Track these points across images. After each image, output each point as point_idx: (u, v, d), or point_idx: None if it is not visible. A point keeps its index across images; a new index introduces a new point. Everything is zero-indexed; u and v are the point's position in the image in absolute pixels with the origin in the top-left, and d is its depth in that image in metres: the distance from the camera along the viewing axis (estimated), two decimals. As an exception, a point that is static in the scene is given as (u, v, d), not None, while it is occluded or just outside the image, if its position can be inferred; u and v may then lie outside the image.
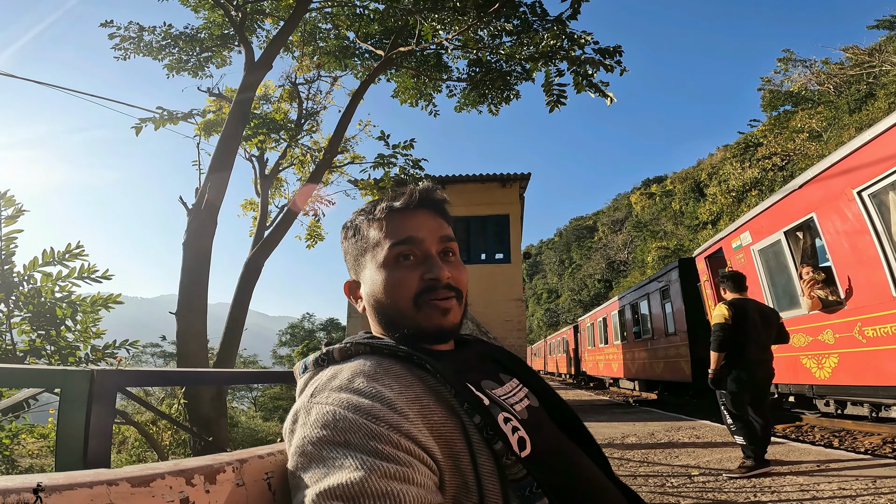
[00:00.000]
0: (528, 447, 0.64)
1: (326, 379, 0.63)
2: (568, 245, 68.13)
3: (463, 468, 0.59)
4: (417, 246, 0.73)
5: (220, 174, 3.72)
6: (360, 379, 0.60)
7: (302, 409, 0.60)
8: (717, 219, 30.67)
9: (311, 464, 0.53)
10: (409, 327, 0.72)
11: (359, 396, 0.57)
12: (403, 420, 0.56)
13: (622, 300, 14.15)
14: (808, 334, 5.34)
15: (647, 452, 4.83)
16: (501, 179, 11.67)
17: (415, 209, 0.76)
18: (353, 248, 0.79)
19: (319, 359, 0.70)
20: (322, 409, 0.57)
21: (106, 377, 1.09)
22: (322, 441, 0.54)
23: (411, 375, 0.64)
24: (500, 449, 0.59)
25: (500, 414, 0.64)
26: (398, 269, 0.73)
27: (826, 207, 4.89)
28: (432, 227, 0.76)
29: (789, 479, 3.43)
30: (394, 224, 0.74)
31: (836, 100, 24.31)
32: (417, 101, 6.75)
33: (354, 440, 0.53)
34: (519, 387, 0.78)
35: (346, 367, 0.64)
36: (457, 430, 0.60)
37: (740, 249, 6.70)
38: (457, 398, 0.62)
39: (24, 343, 2.82)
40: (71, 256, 2.93)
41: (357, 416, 0.55)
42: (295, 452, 0.56)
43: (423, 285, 0.72)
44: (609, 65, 4.06)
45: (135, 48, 5.16)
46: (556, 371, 29.38)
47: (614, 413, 8.59)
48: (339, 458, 0.52)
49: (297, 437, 0.57)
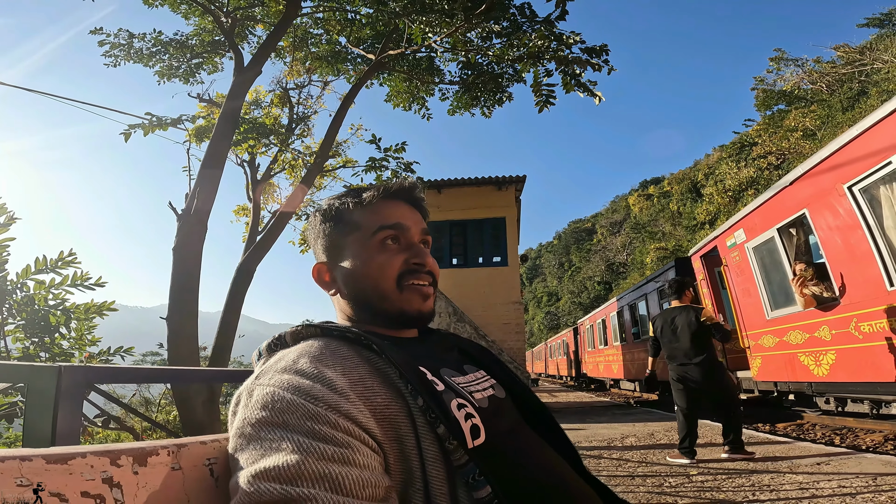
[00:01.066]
0: (482, 435, 0.63)
1: (273, 361, 0.63)
2: (567, 248, 68.22)
3: (408, 452, 0.58)
4: (404, 232, 0.76)
5: (209, 179, 3.71)
6: (304, 360, 0.60)
7: (245, 392, 0.59)
8: (715, 219, 30.84)
9: (249, 445, 0.53)
10: (388, 310, 0.74)
11: (300, 377, 0.57)
12: (343, 400, 0.55)
13: (620, 301, 14.13)
14: (804, 331, 5.31)
15: (646, 452, 4.79)
16: (497, 182, 11.66)
17: (400, 200, 0.80)
18: (331, 230, 0.79)
19: (272, 343, 0.71)
20: (263, 390, 0.57)
21: (73, 373, 1.09)
22: (261, 422, 0.54)
23: (358, 357, 0.64)
24: (442, 433, 0.58)
25: (453, 400, 0.64)
26: (384, 251, 0.75)
27: (818, 203, 4.88)
28: (416, 219, 0.80)
29: (788, 478, 3.40)
30: (382, 210, 0.77)
31: (829, 98, 24.52)
32: (410, 105, 6.75)
33: (292, 421, 0.53)
34: (484, 377, 0.78)
35: (294, 349, 0.65)
36: (402, 413, 0.60)
37: (735, 247, 6.69)
38: (402, 380, 0.61)
39: (18, 350, 2.82)
40: (64, 264, 2.93)
41: (295, 396, 0.55)
42: (235, 434, 0.56)
43: (407, 267, 0.74)
44: (596, 64, 4.07)
45: (125, 55, 5.16)
46: (556, 373, 29.29)
47: (615, 414, 8.55)
48: (276, 440, 0.52)
49: (237, 418, 0.57)
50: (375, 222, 0.76)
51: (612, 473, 4.04)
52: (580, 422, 7.77)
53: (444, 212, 11.78)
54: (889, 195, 4.06)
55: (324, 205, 0.83)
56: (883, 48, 23.01)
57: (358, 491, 0.50)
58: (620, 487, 3.54)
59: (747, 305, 6.56)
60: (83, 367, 1.14)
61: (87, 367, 1.15)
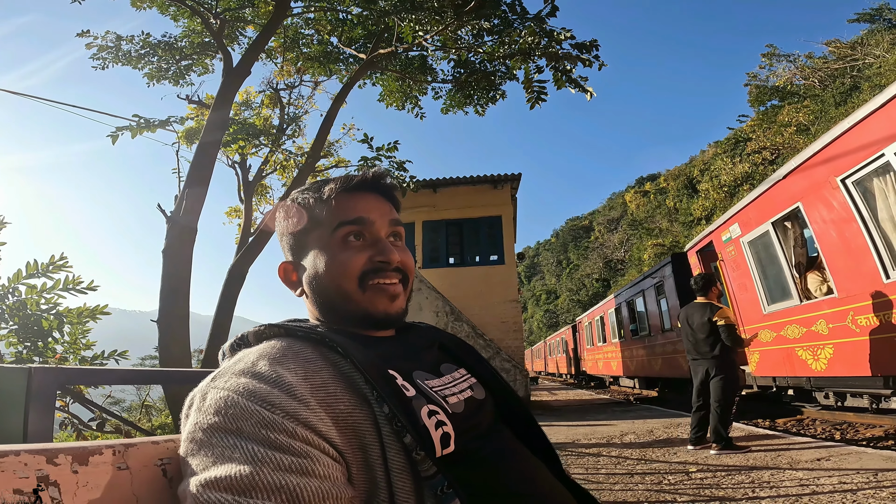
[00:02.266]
0: (453, 444, 0.60)
1: (232, 363, 0.60)
2: (565, 246, 68.35)
3: (372, 462, 0.55)
4: (367, 227, 0.71)
5: (198, 181, 3.67)
6: (263, 362, 0.57)
7: (198, 394, 0.56)
8: (711, 214, 31.00)
9: (201, 451, 0.50)
10: (352, 310, 0.70)
11: (257, 381, 0.54)
12: (302, 407, 0.52)
13: (618, 298, 14.12)
14: (801, 325, 5.29)
15: (646, 450, 4.76)
16: (492, 181, 11.64)
17: (365, 191, 0.75)
18: (294, 228, 0.75)
19: (235, 343, 0.68)
20: (217, 394, 0.53)
21: (44, 374, 1.06)
22: (213, 428, 0.51)
23: (322, 360, 0.61)
24: (409, 443, 0.55)
25: (424, 406, 0.61)
26: (346, 249, 0.70)
27: (812, 196, 4.86)
28: (383, 210, 0.74)
29: (788, 474, 3.37)
30: (343, 204, 0.72)
31: (822, 93, 24.67)
32: (403, 104, 6.74)
33: (246, 428, 0.50)
34: (464, 377, 0.74)
35: (254, 349, 0.61)
36: (367, 420, 0.56)
37: (730, 242, 6.67)
38: (368, 385, 0.58)
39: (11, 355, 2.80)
40: (55, 268, 2.90)
41: (250, 402, 0.51)
42: (186, 438, 0.53)
43: (371, 266, 0.70)
44: (586, 59, 4.05)
45: (113, 57, 5.11)
46: (556, 371, 29.30)
47: (614, 412, 8.53)
48: (228, 448, 0.49)
49: (189, 422, 0.54)
50: (336, 218, 0.71)
51: (610, 471, 4.01)
52: (580, 419, 7.74)
53: (439, 211, 11.75)
54: (882, 187, 4.04)
55: (288, 200, 0.79)
56: (874, 43, 23.13)
57: (318, 503, 0.47)
58: (619, 486, 3.51)
59: (744, 300, 6.54)
60: (54, 369, 1.10)
61: (58, 369, 1.11)
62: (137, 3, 5.00)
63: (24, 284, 2.83)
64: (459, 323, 9.48)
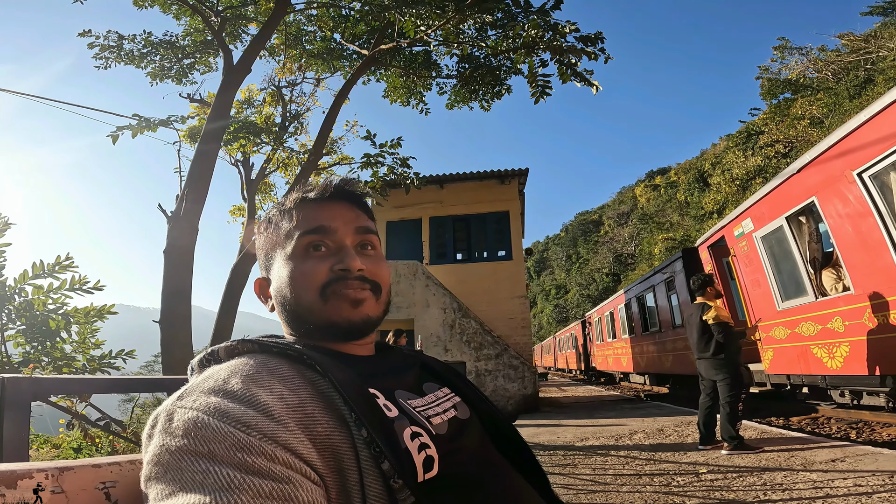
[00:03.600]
0: (436, 467, 0.57)
1: (201, 379, 0.55)
2: (574, 240, 67.98)
3: (350, 487, 0.51)
4: (329, 236, 0.69)
5: (199, 181, 3.65)
6: (235, 379, 0.53)
7: (163, 413, 0.51)
8: (723, 208, 30.72)
9: (167, 475, 0.46)
10: (316, 322, 0.66)
11: (229, 400, 0.50)
12: (281, 429, 0.49)
13: (628, 293, 13.98)
14: (816, 322, 5.16)
15: (655, 449, 4.69)
16: (499, 176, 11.56)
17: (330, 200, 0.72)
18: (265, 242, 0.72)
19: (204, 359, 0.64)
20: (185, 414, 0.49)
21: (17, 385, 1.06)
22: (182, 451, 0.46)
23: (300, 378, 0.57)
24: (387, 469, 0.51)
25: (407, 428, 0.57)
26: (307, 259, 0.68)
27: (827, 191, 4.74)
28: (348, 218, 0.71)
29: (802, 476, 3.28)
30: (305, 214, 0.70)
31: (836, 86, 24.34)
32: (408, 100, 6.68)
33: (220, 452, 0.45)
34: (447, 396, 0.72)
35: (225, 366, 0.57)
36: (346, 443, 0.53)
37: (743, 237, 6.53)
38: (346, 406, 0.54)
39: (19, 355, 2.81)
40: (61, 268, 2.91)
41: (223, 423, 0.47)
42: (150, 461, 0.48)
43: (332, 276, 0.67)
44: (592, 52, 3.95)
45: (115, 57, 5.11)
46: (566, 367, 29.19)
47: (623, 409, 8.44)
48: (199, 472, 0.44)
49: (153, 443, 0.49)
50: (296, 227, 0.69)
51: (618, 472, 3.94)
52: (588, 417, 7.67)
53: (446, 207, 11.71)
54: (901, 181, 3.91)
55: (267, 212, 0.76)
56: (888, 35, 22.73)
57: None
58: (627, 487, 3.45)
59: (757, 296, 6.41)
60: (28, 379, 1.10)
61: (31, 379, 1.11)
62: (139, 2, 4.99)
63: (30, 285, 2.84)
64: (467, 319, 9.43)
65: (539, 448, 5.33)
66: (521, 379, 9.07)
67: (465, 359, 9.16)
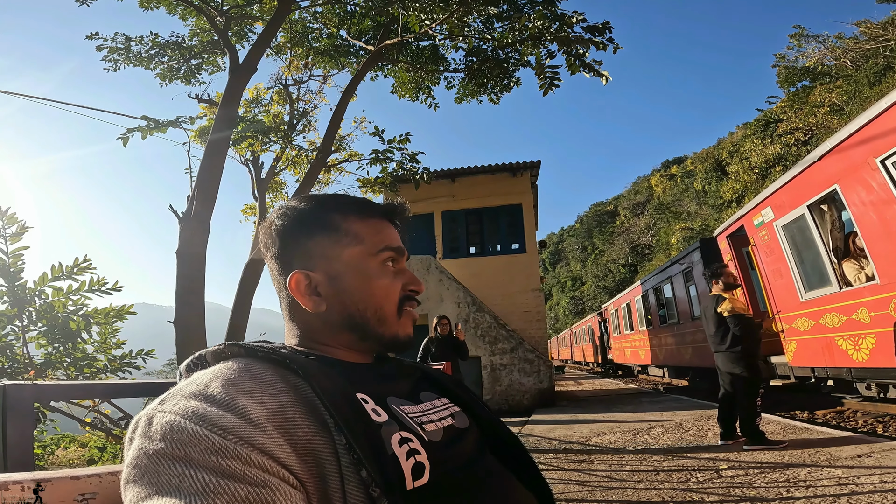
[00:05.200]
0: (426, 475, 0.56)
1: (185, 384, 0.55)
2: (589, 231, 67.40)
3: (331, 494, 0.50)
4: (401, 257, 0.74)
5: (209, 181, 3.66)
6: (216, 384, 0.53)
7: (144, 417, 0.52)
8: (742, 196, 30.26)
9: (144, 478, 0.46)
10: (383, 333, 0.70)
11: (207, 404, 0.50)
12: (258, 432, 0.48)
13: (645, 284, 13.79)
14: (841, 314, 5.00)
15: (674, 444, 4.61)
16: (511, 169, 11.46)
17: (390, 220, 0.76)
18: (320, 236, 0.70)
19: (192, 363, 0.64)
20: (163, 418, 0.49)
21: (19, 391, 1.08)
22: (159, 454, 0.46)
23: (283, 383, 0.56)
24: (366, 477, 0.50)
25: (395, 434, 0.57)
26: (385, 274, 0.71)
27: (849, 178, 4.60)
28: (404, 244, 0.77)
29: (827, 472, 3.18)
30: (382, 229, 0.73)
31: (855, 74, 23.86)
32: (417, 95, 6.63)
33: (195, 455, 0.45)
34: (445, 405, 0.71)
35: (209, 370, 0.57)
36: (328, 449, 0.52)
37: (763, 226, 6.35)
38: (327, 412, 0.53)
39: (41, 356, 2.88)
40: (79, 270, 2.96)
41: (199, 426, 0.47)
42: (129, 464, 0.48)
43: (405, 294, 0.73)
44: (599, 42, 3.84)
45: (124, 59, 5.16)
46: (583, 360, 29.00)
47: (641, 402, 8.33)
48: (175, 476, 0.44)
49: (133, 447, 0.50)
50: (381, 241, 0.72)
51: (635, 468, 3.88)
52: (606, 411, 7.59)
53: (458, 201, 11.66)
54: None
55: (305, 205, 0.73)
56: (908, 23, 22.03)
57: None
58: (644, 484, 3.39)
59: (779, 287, 6.24)
60: (30, 385, 1.12)
61: (34, 385, 1.14)
62: (145, 4, 5.02)
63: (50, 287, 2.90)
64: (481, 313, 9.38)
65: (554, 443, 5.28)
66: (536, 373, 9.01)
67: (479, 353, 9.13)
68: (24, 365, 2.73)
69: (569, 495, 3.30)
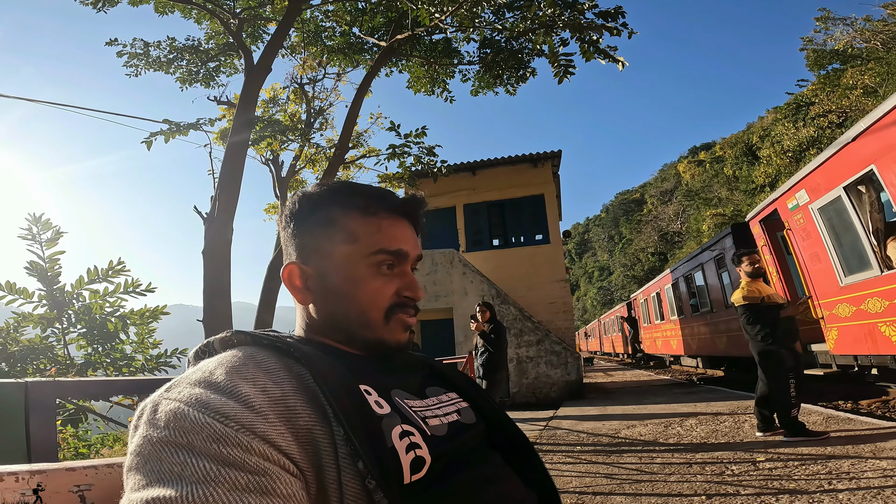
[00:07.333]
0: (426, 469, 0.56)
1: (191, 371, 0.56)
2: (616, 220, 66.25)
3: (328, 484, 0.50)
4: (402, 260, 0.69)
5: (230, 182, 3.73)
6: (220, 371, 0.53)
7: (149, 404, 0.52)
8: (775, 181, 29.38)
9: (146, 465, 0.46)
10: (368, 338, 0.68)
11: (211, 392, 0.50)
12: (259, 419, 0.48)
13: (675, 273, 13.43)
14: (884, 298, 4.74)
15: (708, 436, 4.47)
16: (532, 160, 11.30)
17: (401, 217, 0.71)
18: (318, 231, 0.68)
19: (200, 350, 0.64)
20: (168, 405, 0.49)
21: (41, 388, 1.11)
22: (162, 441, 0.47)
23: (286, 371, 0.56)
24: (362, 469, 0.50)
25: (397, 426, 0.56)
26: (378, 276, 0.67)
27: (886, 158, 4.38)
28: (414, 244, 0.72)
29: (871, 464, 3.03)
30: (385, 228, 0.68)
31: (886, 55, 22.84)
32: (432, 89, 6.59)
33: (197, 443, 0.46)
34: (451, 401, 0.71)
35: (215, 358, 0.57)
36: (327, 439, 0.52)
37: (797, 209, 6.08)
38: (327, 402, 0.53)
39: (81, 357, 3.00)
40: (115, 273, 3.06)
41: (202, 414, 0.47)
42: (133, 451, 0.49)
43: (398, 300, 0.68)
44: (613, 27, 3.72)
45: (144, 64, 5.29)
46: (612, 351, 28.56)
47: (675, 394, 8.13)
48: (177, 464, 0.44)
49: (138, 434, 0.50)
50: (377, 242, 0.67)
51: (666, 460, 3.78)
52: (636, 403, 7.44)
53: (479, 193, 11.59)
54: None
55: (312, 194, 0.71)
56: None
57: None
58: (675, 476, 3.30)
59: (817, 272, 5.97)
60: (51, 382, 1.14)
61: (55, 382, 1.16)
62: (160, 8, 5.12)
63: (87, 290, 3.00)
64: (506, 305, 9.31)
65: (582, 436, 5.20)
66: (563, 365, 8.90)
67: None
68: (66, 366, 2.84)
69: (596, 488, 3.23)
